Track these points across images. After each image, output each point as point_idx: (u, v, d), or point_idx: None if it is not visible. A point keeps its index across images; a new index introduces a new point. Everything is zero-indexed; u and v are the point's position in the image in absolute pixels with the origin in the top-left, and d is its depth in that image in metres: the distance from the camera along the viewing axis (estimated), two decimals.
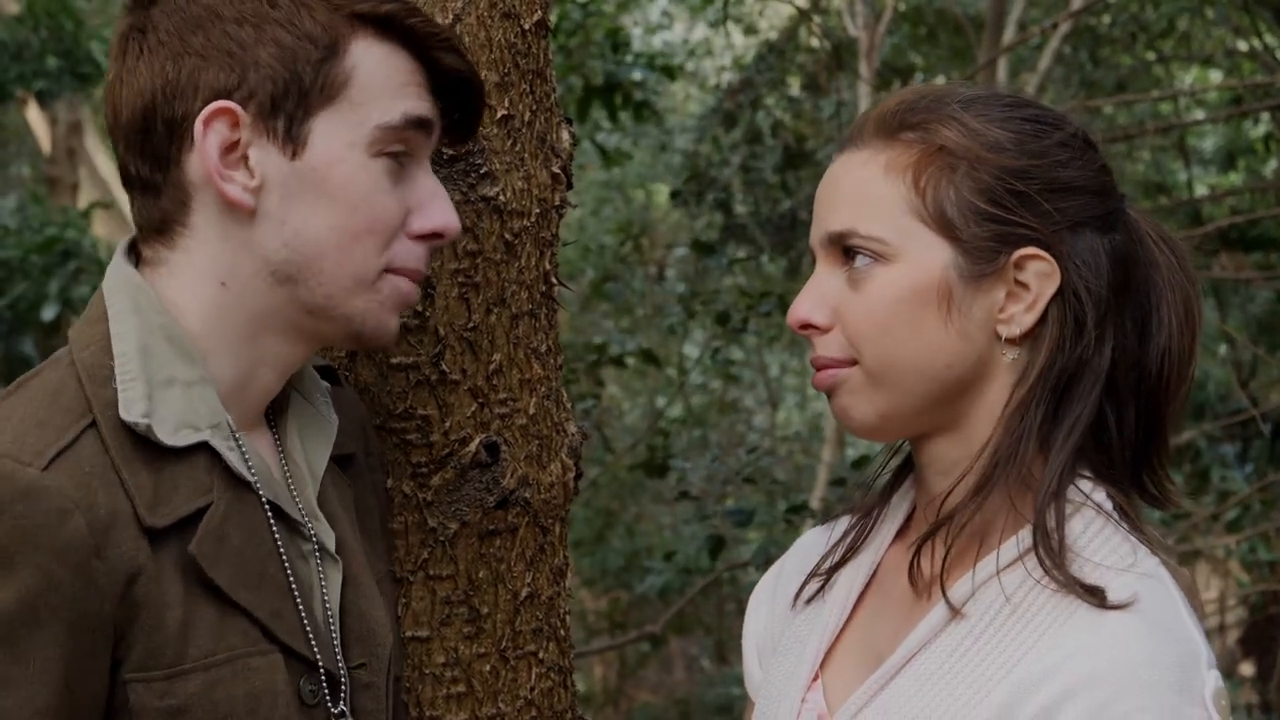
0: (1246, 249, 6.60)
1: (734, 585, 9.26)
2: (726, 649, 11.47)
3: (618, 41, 7.49)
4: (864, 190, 1.53)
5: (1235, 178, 9.55)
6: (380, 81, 1.48)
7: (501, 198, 1.78)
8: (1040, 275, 1.49)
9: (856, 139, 1.57)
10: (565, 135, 1.88)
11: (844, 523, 1.70)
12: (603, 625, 11.32)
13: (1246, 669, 8.78)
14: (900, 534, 1.64)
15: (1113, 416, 1.52)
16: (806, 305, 1.55)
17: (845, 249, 1.53)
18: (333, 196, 1.47)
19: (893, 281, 1.50)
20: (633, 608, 10.73)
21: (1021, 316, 1.50)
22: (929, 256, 1.50)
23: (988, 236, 1.49)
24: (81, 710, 1.36)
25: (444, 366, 1.76)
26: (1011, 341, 1.50)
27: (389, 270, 1.51)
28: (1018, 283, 1.49)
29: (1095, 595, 1.42)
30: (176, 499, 1.42)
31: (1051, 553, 1.45)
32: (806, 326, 1.55)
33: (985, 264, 1.49)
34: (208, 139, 1.45)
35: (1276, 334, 7.15)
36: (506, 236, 1.79)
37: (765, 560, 5.71)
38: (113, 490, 1.38)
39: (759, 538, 7.30)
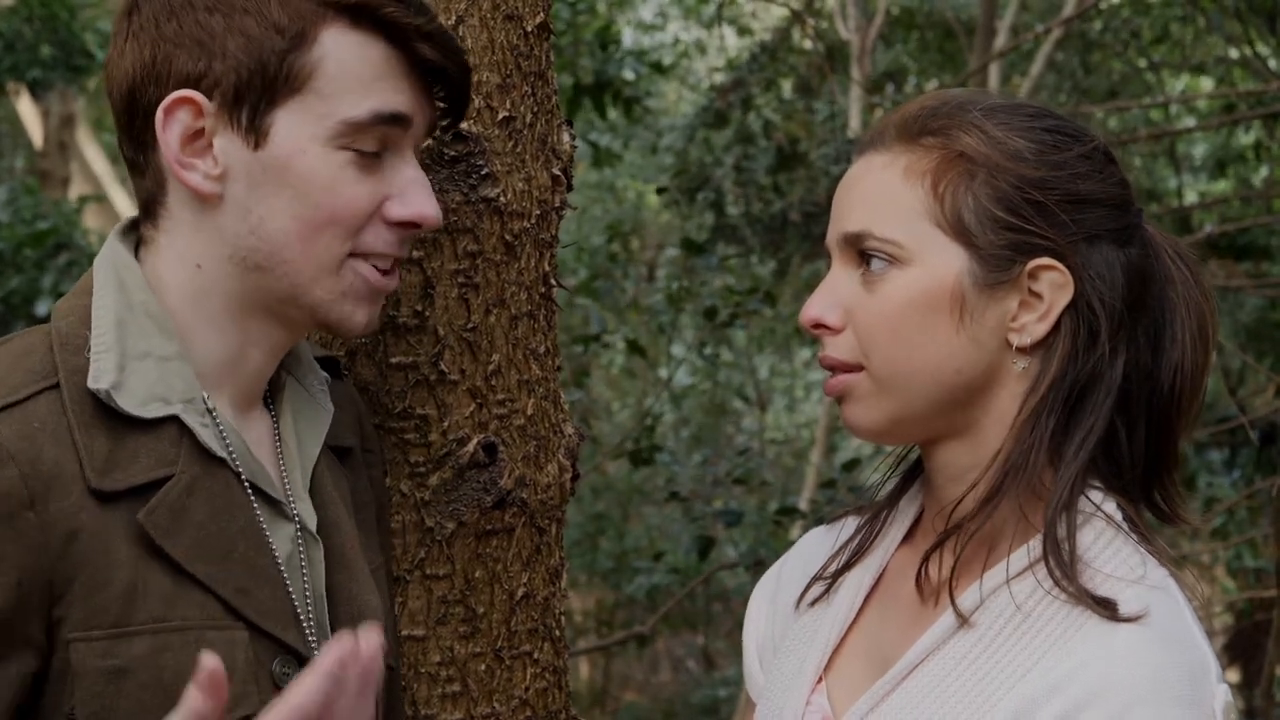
0: (1236, 256, 6.62)
1: (719, 586, 9.27)
2: (713, 650, 11.48)
3: (607, 39, 7.49)
4: (882, 193, 1.53)
5: (1225, 185, 9.57)
6: (350, 74, 1.47)
7: (502, 199, 1.78)
8: (1054, 286, 1.49)
9: (878, 141, 1.57)
10: (565, 137, 1.88)
11: (849, 525, 1.70)
12: (589, 625, 11.32)
13: (1232, 676, 8.81)
14: (907, 538, 1.65)
15: (1123, 430, 1.52)
16: (819, 305, 1.55)
17: (861, 251, 1.53)
18: (295, 188, 1.47)
19: (906, 285, 1.50)
20: (619, 608, 10.73)
21: (1034, 326, 1.50)
22: (944, 262, 1.50)
23: (1003, 245, 1.49)
24: (8, 664, 1.35)
25: (443, 366, 1.76)
26: (1023, 350, 1.51)
27: (353, 255, 1.51)
28: (1031, 292, 1.50)
29: (1106, 607, 1.42)
30: (134, 468, 1.42)
31: (1062, 564, 1.45)
32: (818, 326, 1.55)
33: (1000, 272, 1.49)
34: (168, 129, 1.46)
35: (1265, 341, 7.17)
36: (506, 237, 1.79)
37: (754, 562, 5.72)
38: (63, 449, 1.39)
39: (747, 539, 7.31)
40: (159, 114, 1.46)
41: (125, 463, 1.42)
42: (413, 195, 1.52)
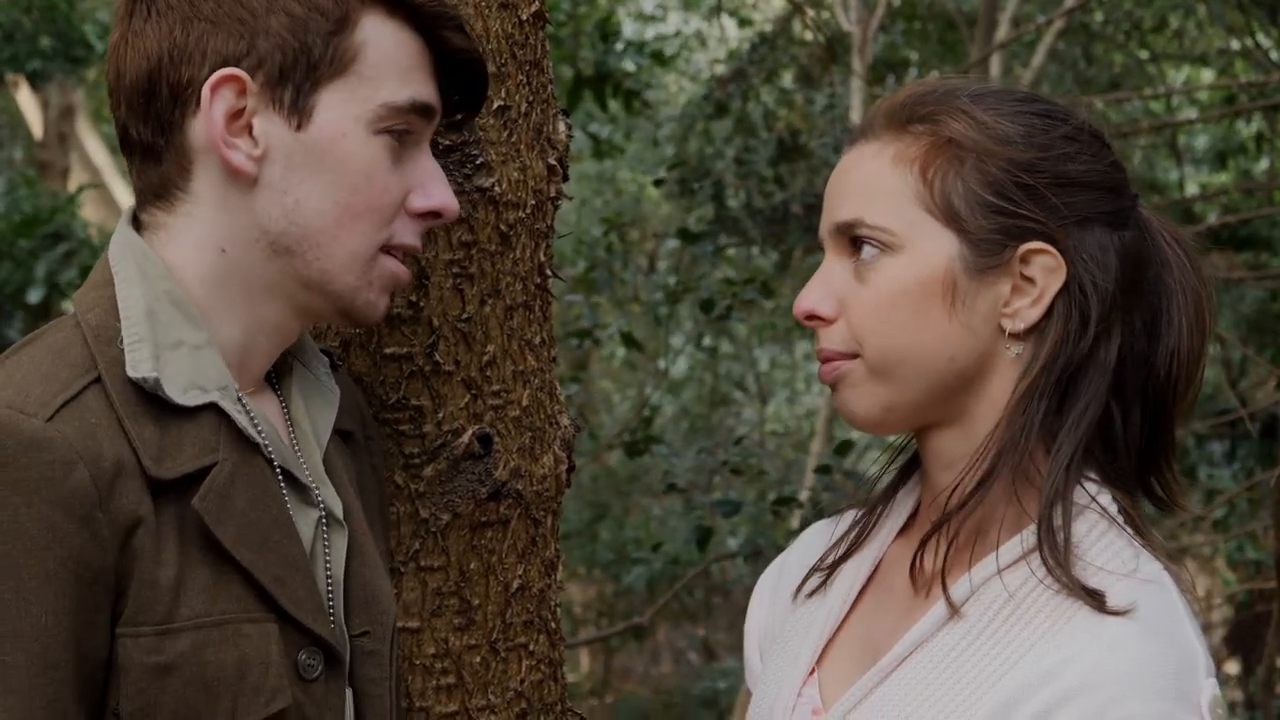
0: (1237, 248, 6.62)
1: (719, 577, 9.27)
2: (713, 642, 11.49)
3: (608, 31, 7.49)
4: (872, 181, 1.52)
5: (1226, 177, 9.56)
6: (390, 60, 1.48)
7: (497, 189, 1.77)
8: (1046, 270, 1.48)
9: (867, 131, 1.56)
10: (561, 127, 1.87)
11: (849, 517, 1.69)
12: (589, 616, 11.33)
13: (1232, 667, 8.81)
14: (904, 529, 1.64)
15: (1119, 416, 1.51)
16: (813, 296, 1.54)
17: (853, 240, 1.52)
18: (335, 171, 1.47)
19: (898, 272, 1.50)
20: (619, 597, 10.74)
21: (1026, 311, 1.49)
22: (935, 248, 1.49)
23: (994, 229, 1.48)
24: (87, 665, 1.36)
25: (438, 357, 1.76)
26: (1015, 336, 1.50)
27: (385, 248, 1.51)
28: (1023, 277, 1.49)
29: (1095, 598, 1.41)
30: (182, 455, 1.41)
31: (1056, 552, 1.44)
32: (812, 317, 1.54)
33: (991, 257, 1.48)
34: (214, 106, 1.45)
35: (1266, 334, 7.17)
36: (501, 228, 1.78)
37: (753, 552, 5.72)
38: (118, 441, 1.38)
39: (746, 529, 7.32)
40: (205, 91, 1.44)
41: (174, 451, 1.41)
42: (433, 186, 1.53)
